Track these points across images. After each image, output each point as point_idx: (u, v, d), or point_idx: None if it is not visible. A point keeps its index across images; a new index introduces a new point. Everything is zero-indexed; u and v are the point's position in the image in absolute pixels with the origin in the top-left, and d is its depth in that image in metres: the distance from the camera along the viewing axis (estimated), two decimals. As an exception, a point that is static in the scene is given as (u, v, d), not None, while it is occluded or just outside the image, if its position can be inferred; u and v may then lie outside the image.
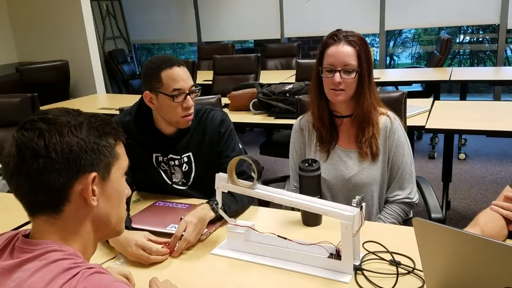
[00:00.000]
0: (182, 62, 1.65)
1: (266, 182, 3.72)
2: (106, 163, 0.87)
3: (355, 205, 1.21)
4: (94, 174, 0.84)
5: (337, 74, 1.62)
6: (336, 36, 1.65)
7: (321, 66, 1.67)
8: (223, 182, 1.38)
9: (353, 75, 1.63)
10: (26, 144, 0.80)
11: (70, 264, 0.77)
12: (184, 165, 1.77)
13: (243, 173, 1.75)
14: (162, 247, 1.39)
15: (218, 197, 1.42)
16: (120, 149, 0.92)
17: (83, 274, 0.76)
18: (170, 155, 1.76)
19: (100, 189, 0.87)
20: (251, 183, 1.34)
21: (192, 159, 1.77)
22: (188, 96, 1.64)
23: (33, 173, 0.80)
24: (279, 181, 3.79)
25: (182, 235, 1.41)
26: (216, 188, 1.40)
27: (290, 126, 1.93)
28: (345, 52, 1.62)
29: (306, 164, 1.50)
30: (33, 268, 0.77)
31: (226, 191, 1.41)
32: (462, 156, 4.21)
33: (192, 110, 1.68)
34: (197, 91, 1.70)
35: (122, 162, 0.92)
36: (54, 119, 0.83)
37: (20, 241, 0.83)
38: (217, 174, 1.40)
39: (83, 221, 0.86)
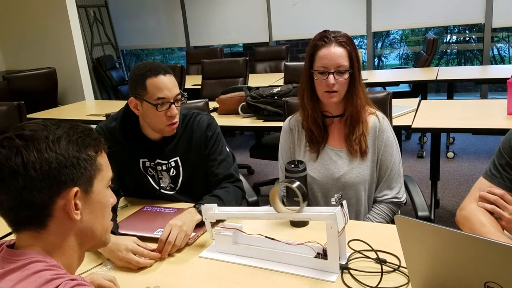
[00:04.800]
0: (168, 70, 1.64)
1: (257, 185, 3.73)
2: (87, 176, 0.85)
3: (334, 203, 1.22)
4: (76, 189, 0.83)
5: (331, 76, 1.62)
6: (326, 38, 1.65)
7: (313, 68, 1.68)
8: (209, 213, 1.40)
9: (346, 75, 1.64)
10: (4, 163, 0.79)
11: (53, 275, 0.77)
12: (172, 169, 1.77)
13: (230, 176, 1.76)
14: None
15: (208, 227, 1.44)
16: (103, 160, 0.90)
17: (65, 286, 0.76)
18: (157, 160, 1.76)
19: (83, 202, 0.85)
20: (298, 207, 1.26)
21: (180, 164, 1.77)
22: (173, 105, 1.63)
23: (14, 191, 0.79)
24: (269, 183, 3.80)
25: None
26: (204, 219, 1.43)
27: (278, 129, 1.94)
28: (337, 53, 1.62)
29: (292, 166, 1.51)
30: (16, 279, 0.76)
31: (215, 221, 1.43)
32: (450, 154, 4.25)
33: (176, 119, 1.67)
34: (183, 99, 1.69)
35: (105, 173, 0.90)
36: (31, 135, 0.81)
37: (4, 251, 0.83)
38: (202, 207, 1.43)
39: (67, 235, 0.85)
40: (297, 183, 1.26)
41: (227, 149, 1.81)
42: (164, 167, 1.77)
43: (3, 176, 0.79)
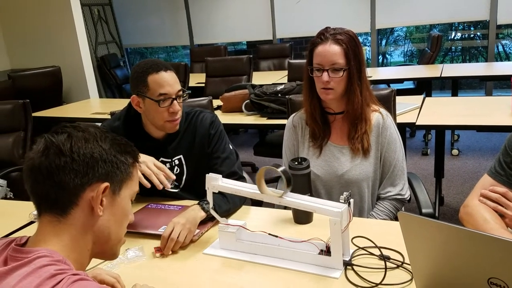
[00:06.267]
0: (169, 67, 1.65)
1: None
2: (120, 178, 0.92)
3: (343, 201, 1.22)
4: (106, 184, 0.89)
5: (325, 74, 1.63)
6: (323, 35, 1.66)
7: (311, 65, 1.68)
8: (213, 183, 1.39)
9: (341, 73, 1.64)
10: (54, 143, 0.86)
11: (57, 270, 0.79)
12: (176, 167, 1.78)
13: (234, 174, 1.76)
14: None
15: (209, 197, 1.43)
16: (135, 171, 0.97)
17: (68, 280, 0.77)
18: (161, 159, 1.76)
19: (109, 202, 0.91)
20: (282, 191, 1.29)
21: (183, 162, 1.78)
22: (175, 101, 1.64)
23: (54, 169, 0.85)
24: (273, 181, 3.79)
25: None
26: (206, 188, 1.41)
27: (282, 126, 1.95)
28: (331, 51, 1.63)
29: (296, 163, 1.51)
30: (23, 274, 0.78)
31: (217, 192, 1.41)
32: (455, 152, 4.23)
33: (179, 115, 1.67)
34: (185, 95, 1.70)
35: (133, 184, 0.96)
36: (84, 128, 0.91)
37: (11, 250, 0.85)
38: (207, 175, 1.40)
39: (85, 229, 0.89)
40: (283, 167, 1.28)
41: (231, 147, 1.81)
42: (168, 165, 1.77)
43: (48, 154, 0.86)
